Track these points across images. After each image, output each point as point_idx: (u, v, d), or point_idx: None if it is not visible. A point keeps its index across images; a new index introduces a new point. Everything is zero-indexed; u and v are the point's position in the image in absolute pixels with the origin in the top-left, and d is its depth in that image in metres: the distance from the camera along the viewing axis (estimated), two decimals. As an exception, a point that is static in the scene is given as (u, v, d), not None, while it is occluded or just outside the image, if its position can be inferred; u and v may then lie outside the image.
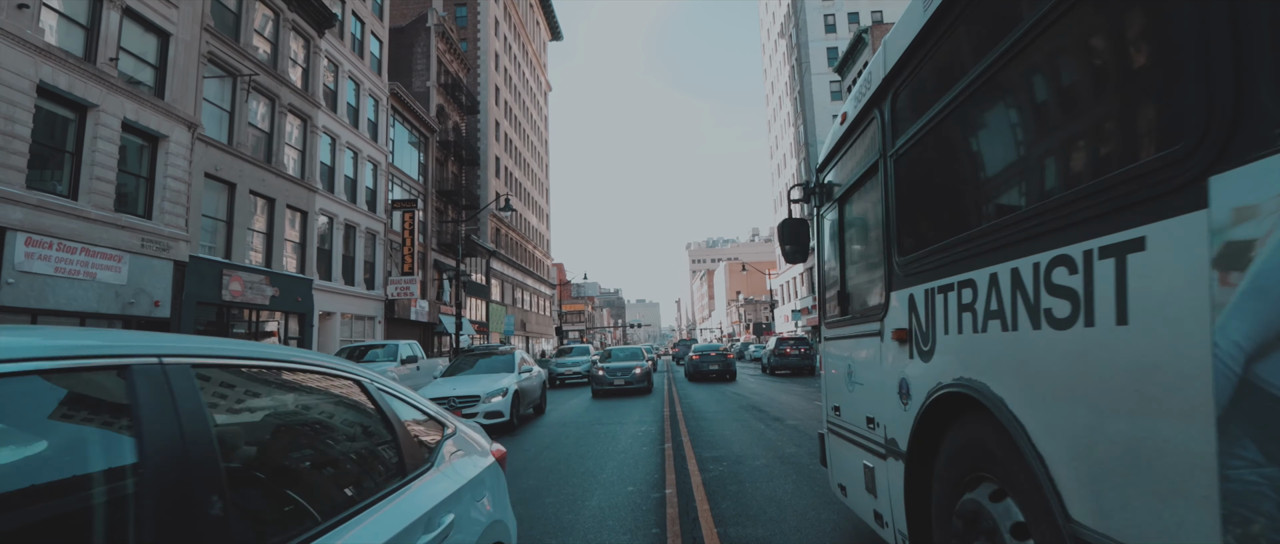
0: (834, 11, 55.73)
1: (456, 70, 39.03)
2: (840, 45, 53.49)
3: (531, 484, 6.43)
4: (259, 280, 18.34)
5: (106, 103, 13.45)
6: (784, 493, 5.66)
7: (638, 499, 5.69)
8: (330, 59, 23.48)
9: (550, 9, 66.62)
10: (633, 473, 6.84)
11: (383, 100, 27.85)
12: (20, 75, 11.70)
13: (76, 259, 12.85)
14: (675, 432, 9.71)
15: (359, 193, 25.40)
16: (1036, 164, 1.91)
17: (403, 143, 30.65)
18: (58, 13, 12.80)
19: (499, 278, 45.80)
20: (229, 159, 17.49)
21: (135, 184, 14.67)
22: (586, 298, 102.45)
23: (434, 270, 33.76)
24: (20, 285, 11.80)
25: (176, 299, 15.38)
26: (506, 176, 49.79)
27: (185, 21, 15.85)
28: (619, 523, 4.96)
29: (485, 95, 45.68)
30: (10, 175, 11.52)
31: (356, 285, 25.03)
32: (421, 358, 16.61)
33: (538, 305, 59.40)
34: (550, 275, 66.06)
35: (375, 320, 26.55)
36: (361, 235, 25.42)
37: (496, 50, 48.86)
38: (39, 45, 12.06)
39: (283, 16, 20.43)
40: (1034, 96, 1.92)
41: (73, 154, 13.08)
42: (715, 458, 7.50)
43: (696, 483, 6.18)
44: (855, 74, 42.32)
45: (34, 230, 12.00)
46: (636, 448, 8.40)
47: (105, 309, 13.59)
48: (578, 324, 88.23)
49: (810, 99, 53.57)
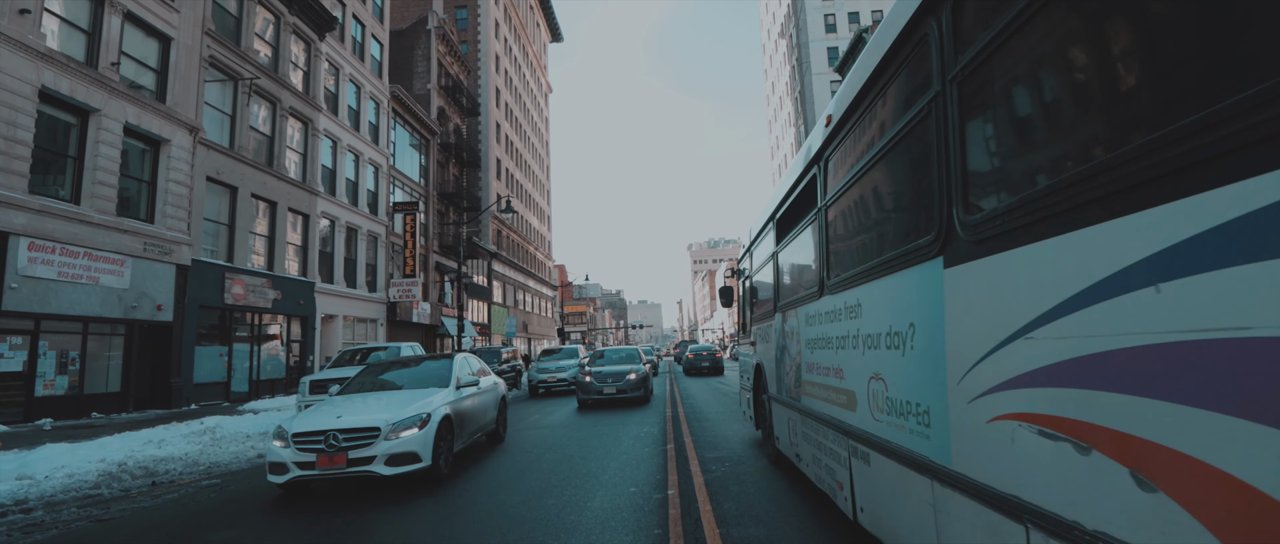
0: (834, 11, 55.73)
1: (457, 72, 39.08)
2: (840, 45, 53.48)
3: (534, 486, 6.43)
4: (261, 284, 18.36)
5: (108, 107, 13.49)
6: (783, 491, 5.65)
7: (639, 500, 5.68)
8: (331, 62, 23.53)
9: (550, 11, 66.69)
10: (635, 473, 6.83)
11: (384, 103, 27.90)
12: (22, 80, 11.74)
13: (79, 263, 12.88)
14: (677, 431, 9.70)
15: (360, 195, 25.44)
16: (810, 272, 4.59)
17: (404, 145, 30.70)
18: (59, 18, 12.84)
19: (501, 280, 45.82)
20: (231, 162, 17.52)
21: (137, 188, 14.70)
22: (588, 299, 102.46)
23: (436, 272, 33.79)
24: (23, 290, 11.83)
25: (179, 303, 15.41)
26: (507, 178, 49.83)
27: (186, 26, 15.89)
28: (621, 523, 4.96)
29: (486, 97, 45.73)
30: (13, 180, 11.55)
31: (358, 288, 25.07)
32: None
33: (540, 307, 59.42)
34: (552, 277, 66.08)
35: (377, 323, 26.58)
36: (363, 238, 25.46)
37: (497, 52, 48.91)
38: (41, 50, 12.10)
39: (283, 20, 20.48)
40: (842, 224, 3.88)
41: (75, 159, 13.11)
42: (717, 458, 7.50)
43: (699, 484, 6.17)
44: (856, 73, 42.25)
45: (37, 235, 12.03)
46: (638, 447, 8.40)
47: (108, 313, 13.61)
48: (580, 325, 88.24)
49: (811, 99, 53.55)
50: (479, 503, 5.76)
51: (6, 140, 11.45)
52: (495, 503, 5.71)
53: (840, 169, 3.90)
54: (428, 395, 7.16)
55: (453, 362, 8.45)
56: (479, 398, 8.43)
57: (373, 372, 8.64)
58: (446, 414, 7.00)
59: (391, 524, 5.17)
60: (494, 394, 9.27)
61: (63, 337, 12.97)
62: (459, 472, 7.23)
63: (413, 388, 7.67)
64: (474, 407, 8.12)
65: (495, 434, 9.31)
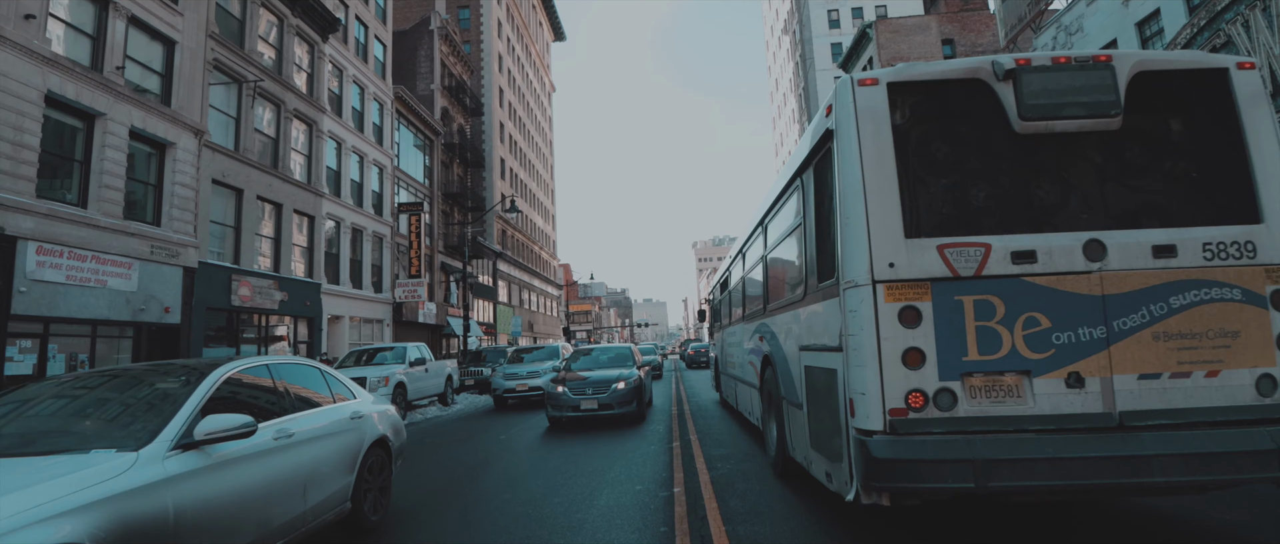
0: (837, 7, 55.49)
1: (460, 73, 39.12)
2: (844, 41, 53.24)
3: (540, 485, 6.43)
4: (268, 285, 18.44)
5: (114, 111, 13.56)
6: (789, 489, 5.63)
7: (645, 497, 5.67)
8: (335, 64, 23.59)
9: (553, 10, 66.71)
10: (641, 471, 6.82)
11: (387, 104, 27.96)
12: (29, 85, 11.81)
13: (87, 267, 12.96)
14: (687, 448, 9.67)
15: (365, 196, 25.51)
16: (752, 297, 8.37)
17: (408, 146, 30.76)
18: (64, 22, 12.91)
19: (506, 279, 45.90)
20: (236, 165, 17.60)
21: (144, 191, 14.78)
22: (593, 298, 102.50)
23: (441, 272, 33.87)
24: (32, 293, 11.91)
25: (186, 305, 15.49)
26: (511, 178, 49.89)
27: (190, 29, 15.95)
28: (627, 522, 4.94)
29: (489, 97, 45.78)
30: (21, 184, 11.63)
31: (364, 289, 25.15)
32: (429, 360, 16.62)
33: (545, 306, 59.50)
34: (557, 276, 66.15)
35: (383, 323, 26.67)
36: (368, 239, 25.53)
37: (500, 52, 48.94)
38: (46, 55, 12.17)
39: (287, 22, 20.54)
40: (763, 276, 6.94)
41: (81, 162, 13.19)
42: (723, 456, 7.48)
43: (704, 481, 6.16)
44: (859, 69, 42.12)
45: (45, 239, 12.11)
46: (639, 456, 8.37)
47: (116, 316, 13.70)
48: (585, 324, 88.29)
49: (815, 95, 53.35)
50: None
51: (14, 145, 11.53)
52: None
53: (745, 260, 8.23)
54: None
55: (198, 380, 3.72)
56: (323, 446, 4.36)
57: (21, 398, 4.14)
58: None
59: None
60: (366, 436, 4.95)
61: (71, 339, 13.06)
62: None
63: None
64: (299, 468, 4.02)
65: (378, 501, 5.11)
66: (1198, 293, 3.49)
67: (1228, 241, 3.54)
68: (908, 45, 39.08)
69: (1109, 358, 3.46)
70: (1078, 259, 3.54)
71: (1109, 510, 4.59)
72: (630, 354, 13.06)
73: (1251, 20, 7.64)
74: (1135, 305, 3.50)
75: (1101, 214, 3.65)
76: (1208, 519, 4.30)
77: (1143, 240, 3.55)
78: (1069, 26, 20.89)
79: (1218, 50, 8.22)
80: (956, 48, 39.61)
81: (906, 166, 3.70)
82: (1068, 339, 3.48)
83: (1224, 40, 8.08)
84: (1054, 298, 3.50)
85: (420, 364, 15.94)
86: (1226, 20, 8.05)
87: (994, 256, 3.54)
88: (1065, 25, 21.08)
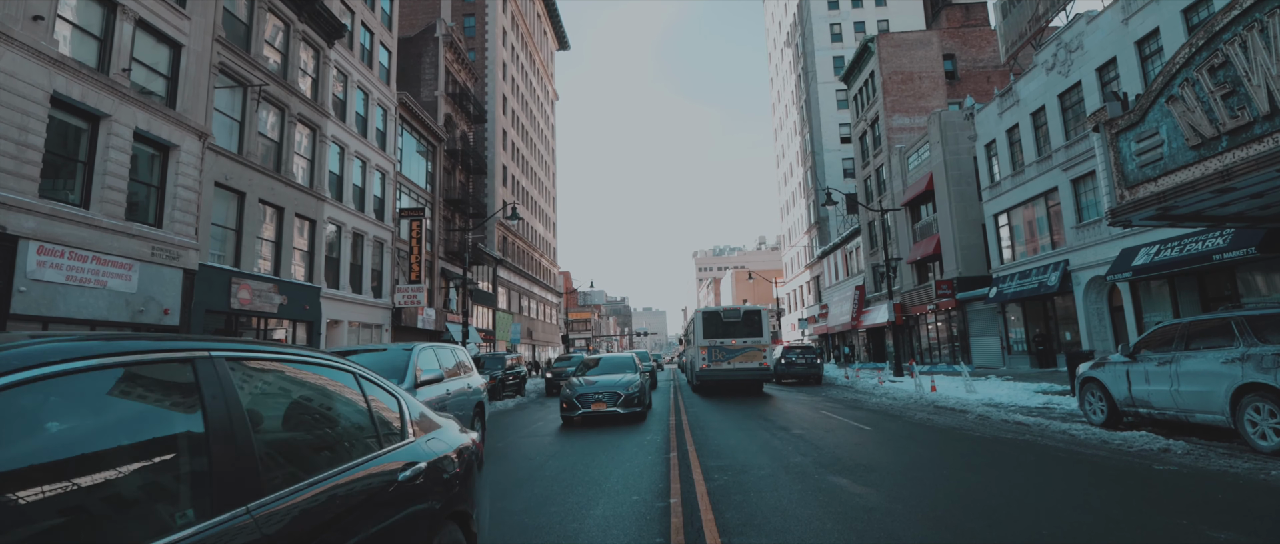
0: (839, 20, 55.82)
1: (464, 80, 39.31)
2: (846, 54, 53.53)
3: (538, 492, 6.42)
4: (267, 288, 18.45)
5: (119, 113, 13.62)
6: (788, 502, 5.63)
7: (642, 508, 5.67)
8: (339, 69, 23.71)
9: (557, 20, 67.09)
10: (638, 482, 6.82)
11: (391, 110, 28.08)
12: (35, 86, 11.88)
13: (87, 267, 12.98)
14: (681, 441, 9.68)
15: (367, 201, 25.57)
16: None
17: (411, 152, 30.86)
18: (72, 24, 13.00)
19: (505, 286, 45.90)
20: (239, 168, 17.66)
21: (146, 193, 14.82)
22: (593, 306, 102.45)
23: (441, 278, 33.88)
24: (32, 293, 11.92)
25: (186, 307, 15.50)
26: (513, 185, 50.00)
27: (197, 33, 16.06)
28: (623, 533, 4.94)
29: (493, 104, 45.97)
30: (24, 184, 11.67)
31: (364, 293, 25.15)
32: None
33: (544, 314, 59.46)
34: (557, 284, 66.15)
35: (382, 328, 26.65)
36: (369, 244, 25.57)
37: (504, 60, 49.19)
38: (53, 56, 12.24)
39: (293, 27, 20.67)
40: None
41: (85, 163, 13.24)
42: (720, 467, 7.48)
43: (701, 492, 6.16)
44: (860, 83, 42.32)
45: (46, 239, 12.14)
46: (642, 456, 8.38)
47: (115, 317, 13.70)
48: (584, 332, 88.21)
49: (816, 107, 53.58)
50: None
51: (18, 145, 11.58)
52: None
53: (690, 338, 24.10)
54: None
55: None
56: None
57: None
58: None
59: None
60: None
61: (70, 340, 13.05)
62: None
63: None
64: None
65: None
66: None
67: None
68: (909, 60, 39.28)
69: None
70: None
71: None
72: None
73: (1249, 41, 7.71)
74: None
75: None
76: (1202, 538, 4.31)
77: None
78: (1069, 44, 21.02)
79: (1216, 71, 8.28)
80: (958, 63, 39.80)
81: None
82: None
83: (1222, 60, 8.15)
84: None
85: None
86: (1224, 41, 8.12)
87: None
88: (1065, 42, 21.22)
